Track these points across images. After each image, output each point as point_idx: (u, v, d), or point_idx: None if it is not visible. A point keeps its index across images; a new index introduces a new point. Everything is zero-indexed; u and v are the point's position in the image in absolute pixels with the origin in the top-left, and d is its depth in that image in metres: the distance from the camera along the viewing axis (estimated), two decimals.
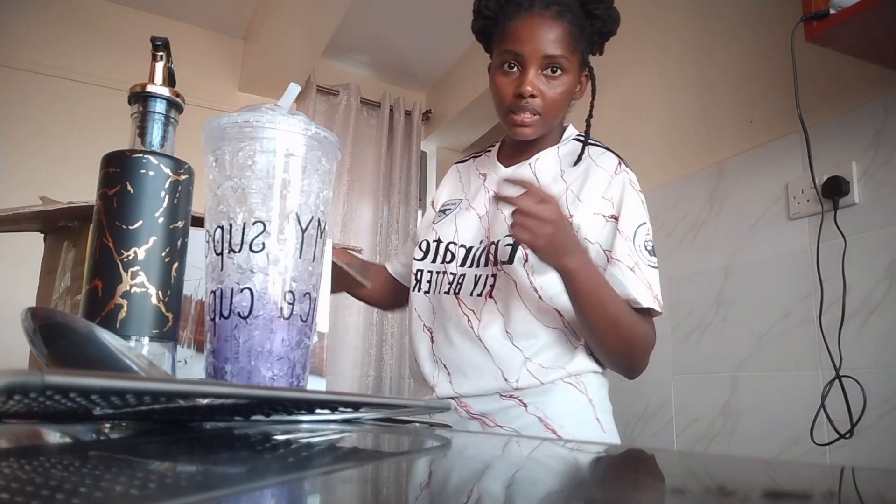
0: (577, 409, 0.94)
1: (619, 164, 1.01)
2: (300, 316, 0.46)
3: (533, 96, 0.95)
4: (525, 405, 0.92)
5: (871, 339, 1.19)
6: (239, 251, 0.45)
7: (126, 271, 0.44)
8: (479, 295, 0.96)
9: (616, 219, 0.95)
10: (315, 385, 0.64)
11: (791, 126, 1.37)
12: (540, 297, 0.94)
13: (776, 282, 1.38)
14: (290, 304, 0.46)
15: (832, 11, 1.08)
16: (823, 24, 1.10)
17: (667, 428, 1.59)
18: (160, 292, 0.45)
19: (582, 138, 1.05)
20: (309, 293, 0.47)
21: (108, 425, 0.36)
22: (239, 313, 0.45)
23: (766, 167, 1.45)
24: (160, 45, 0.52)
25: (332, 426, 0.43)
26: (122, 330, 0.43)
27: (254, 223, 0.45)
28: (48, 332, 0.36)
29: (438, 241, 1.05)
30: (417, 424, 0.52)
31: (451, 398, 0.96)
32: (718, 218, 1.55)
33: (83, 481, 0.19)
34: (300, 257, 0.47)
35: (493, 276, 0.96)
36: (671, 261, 1.67)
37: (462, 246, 1.02)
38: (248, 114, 0.47)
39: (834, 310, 1.23)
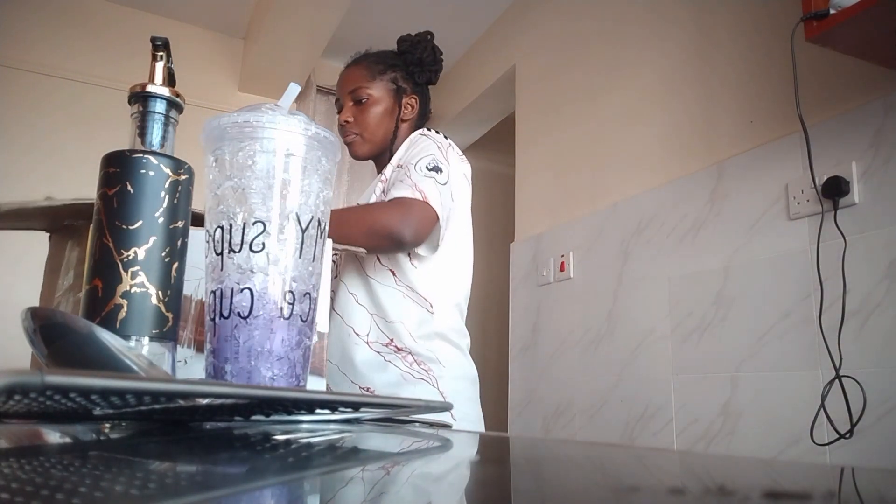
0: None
1: (422, 130, 1.22)
2: (300, 316, 0.46)
3: (346, 122, 1.26)
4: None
5: (871, 339, 1.19)
6: (239, 251, 0.45)
7: (126, 271, 0.44)
8: (335, 277, 1.18)
9: (402, 166, 1.15)
10: (315, 385, 0.64)
11: (791, 126, 1.37)
12: (378, 258, 1.15)
13: (776, 282, 1.38)
14: (290, 304, 0.46)
15: (832, 11, 1.08)
16: (823, 24, 1.10)
17: (667, 428, 1.59)
18: (160, 292, 0.45)
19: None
20: (309, 293, 0.47)
21: (108, 425, 0.36)
22: (239, 313, 0.45)
23: (766, 167, 1.45)
24: (160, 45, 0.52)
25: (332, 426, 0.43)
26: (122, 330, 0.43)
27: (254, 223, 0.45)
28: (48, 332, 0.36)
29: None
30: (417, 424, 0.52)
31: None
32: (718, 218, 1.55)
33: (83, 481, 0.19)
34: (300, 257, 0.47)
35: (336, 264, 1.20)
36: (671, 261, 1.67)
37: None
38: (248, 114, 0.47)
39: (834, 310, 1.23)
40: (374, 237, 1.05)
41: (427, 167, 1.11)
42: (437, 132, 1.22)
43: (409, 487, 0.23)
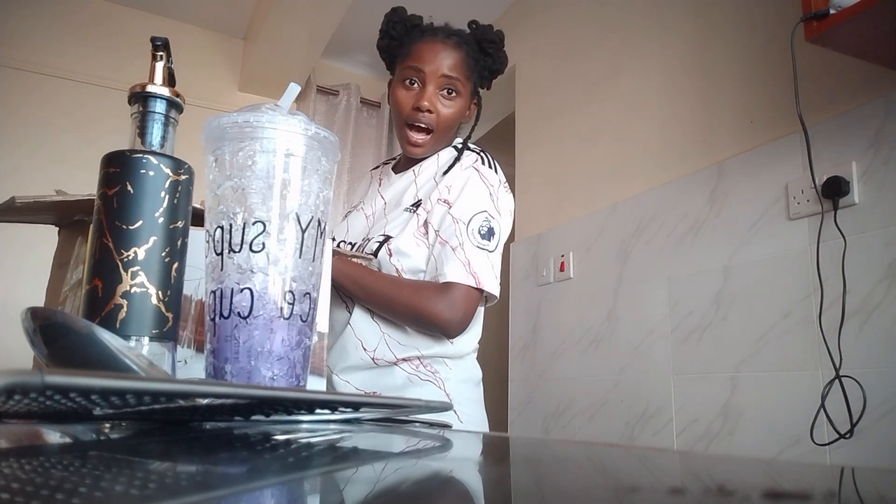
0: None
1: (476, 160, 1.12)
2: (300, 316, 0.46)
3: (429, 111, 1.08)
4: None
5: (871, 339, 1.19)
6: (239, 251, 0.45)
7: (126, 271, 0.44)
8: None
9: (449, 204, 1.06)
10: (315, 385, 0.64)
11: (791, 126, 1.37)
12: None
13: (776, 282, 1.38)
14: (290, 304, 0.46)
15: (832, 11, 1.08)
16: (823, 24, 1.10)
17: (667, 428, 1.59)
18: (160, 292, 0.45)
19: (459, 146, 1.17)
20: (309, 293, 0.47)
21: (108, 425, 0.36)
22: (239, 313, 0.45)
23: (766, 167, 1.45)
24: (160, 45, 0.52)
25: (332, 426, 0.43)
26: (122, 330, 0.43)
27: (254, 223, 0.45)
28: (48, 332, 0.36)
29: (332, 240, 1.20)
30: (417, 424, 0.52)
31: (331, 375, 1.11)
32: (718, 218, 1.55)
33: (83, 481, 0.19)
34: (300, 257, 0.47)
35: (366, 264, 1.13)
36: (671, 261, 1.67)
37: (349, 243, 1.17)
38: (248, 114, 0.47)
39: (834, 310, 1.23)
40: (419, 324, 1.03)
41: (480, 233, 1.04)
42: (490, 165, 1.12)
43: (408, 487, 0.23)
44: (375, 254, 1.09)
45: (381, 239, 1.09)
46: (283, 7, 2.45)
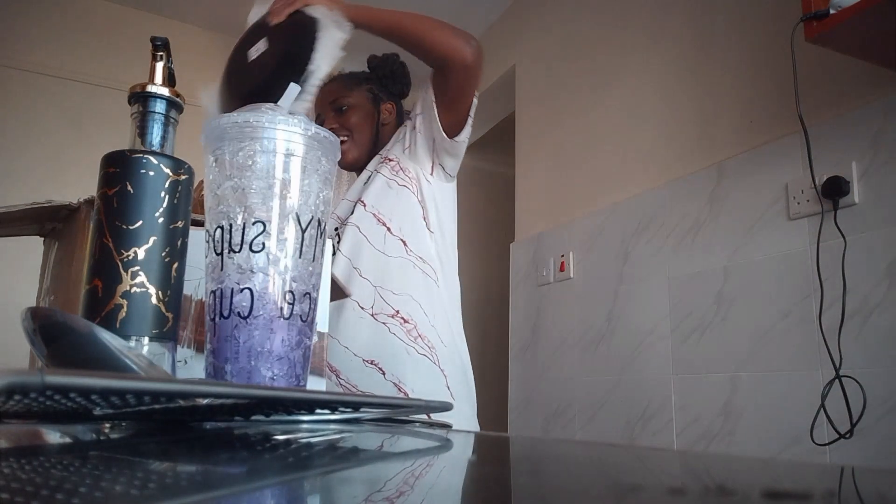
0: (430, 379, 1.12)
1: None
2: (300, 316, 0.46)
3: (333, 129, 1.27)
4: (383, 372, 1.10)
5: (871, 339, 1.19)
6: (239, 251, 0.45)
7: (126, 271, 0.44)
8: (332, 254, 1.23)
9: (404, 124, 1.26)
10: (315, 385, 0.64)
11: (791, 126, 1.37)
12: (389, 229, 1.17)
13: (776, 282, 1.38)
14: (290, 304, 0.46)
15: (832, 11, 1.08)
16: (823, 24, 1.10)
17: (667, 428, 1.59)
18: (160, 292, 0.45)
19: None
20: (309, 293, 0.47)
21: (108, 425, 0.36)
22: (239, 313, 0.45)
23: (766, 167, 1.45)
24: (160, 45, 0.52)
25: (332, 426, 0.43)
26: (122, 330, 0.43)
27: (254, 223, 0.45)
28: (48, 331, 0.36)
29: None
30: (417, 424, 0.52)
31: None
32: (718, 218, 1.55)
33: (83, 481, 0.19)
34: (300, 257, 0.47)
35: (338, 234, 1.21)
36: (671, 261, 1.67)
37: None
38: (248, 114, 0.47)
39: (834, 310, 1.23)
40: (446, 27, 1.10)
41: None
42: None
43: (408, 487, 0.23)
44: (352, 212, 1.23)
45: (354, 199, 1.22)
46: None
